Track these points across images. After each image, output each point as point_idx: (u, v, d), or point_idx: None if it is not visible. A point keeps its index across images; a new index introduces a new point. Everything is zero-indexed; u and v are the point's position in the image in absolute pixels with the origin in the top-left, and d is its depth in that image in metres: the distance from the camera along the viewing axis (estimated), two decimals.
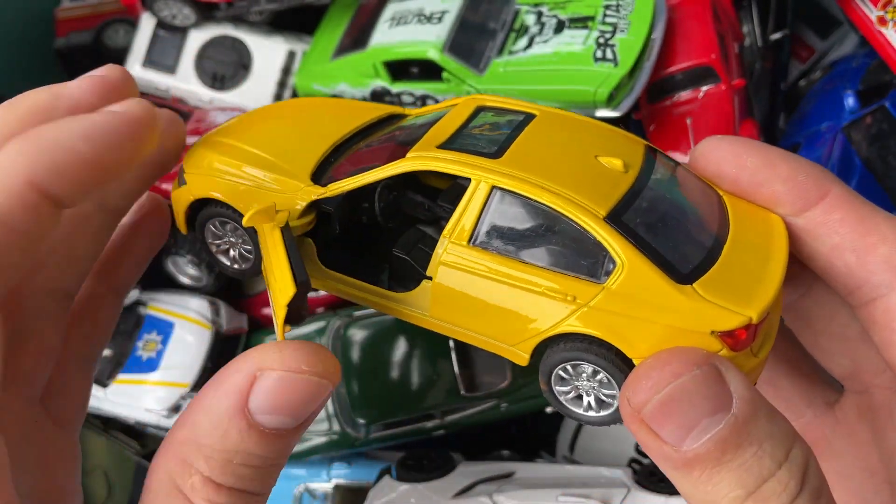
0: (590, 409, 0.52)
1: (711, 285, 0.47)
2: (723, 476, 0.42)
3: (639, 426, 0.44)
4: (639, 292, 0.47)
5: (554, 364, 0.51)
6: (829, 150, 0.96)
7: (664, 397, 0.43)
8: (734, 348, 0.46)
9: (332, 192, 0.53)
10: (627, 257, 0.47)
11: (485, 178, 0.49)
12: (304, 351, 0.45)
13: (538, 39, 0.98)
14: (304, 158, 0.56)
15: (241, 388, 0.44)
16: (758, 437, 0.42)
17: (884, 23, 0.95)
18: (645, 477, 0.86)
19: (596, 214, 0.47)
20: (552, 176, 0.49)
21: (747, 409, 0.43)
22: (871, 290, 0.50)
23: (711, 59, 0.98)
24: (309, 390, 0.45)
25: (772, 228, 0.52)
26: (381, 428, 0.99)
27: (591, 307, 0.48)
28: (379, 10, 1.09)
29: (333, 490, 1.02)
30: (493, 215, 0.50)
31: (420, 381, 0.96)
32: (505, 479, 0.90)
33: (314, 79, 1.11)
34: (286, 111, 0.67)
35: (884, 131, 0.92)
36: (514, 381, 0.95)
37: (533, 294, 0.49)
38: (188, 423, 0.45)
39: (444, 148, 0.52)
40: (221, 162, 0.57)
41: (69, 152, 0.44)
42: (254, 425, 0.44)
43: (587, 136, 0.55)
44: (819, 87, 1.10)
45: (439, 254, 0.51)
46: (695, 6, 1.00)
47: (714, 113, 0.99)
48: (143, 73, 1.18)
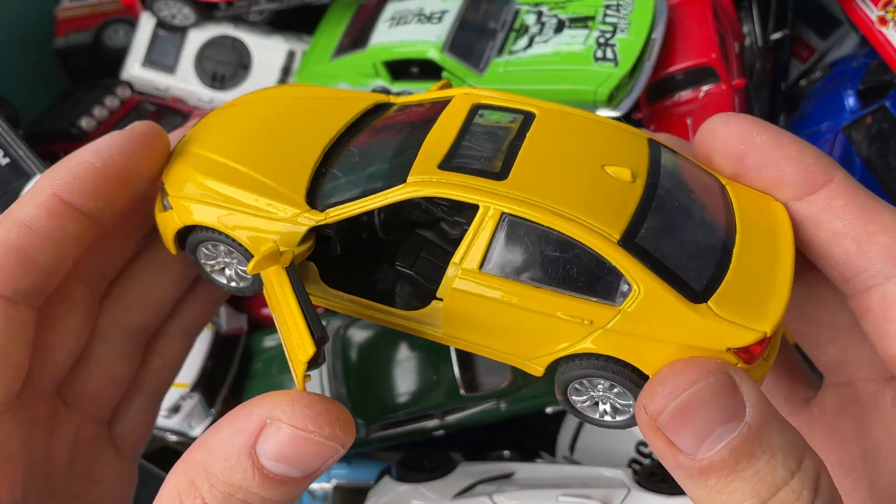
0: (605, 415, 0.52)
1: (725, 301, 0.46)
2: (737, 485, 0.42)
3: (655, 434, 0.44)
4: (654, 314, 0.46)
5: (570, 380, 0.50)
6: (829, 150, 0.96)
7: (680, 404, 0.43)
8: (748, 362, 0.46)
9: (333, 219, 0.51)
10: (643, 281, 0.46)
11: (494, 204, 0.48)
12: (316, 410, 0.45)
13: (538, 39, 0.98)
14: (294, 174, 0.54)
15: (251, 430, 0.45)
16: (770, 446, 0.43)
17: (884, 22, 0.95)
18: (645, 477, 0.86)
19: (609, 239, 0.46)
20: (562, 196, 0.48)
21: (760, 418, 0.43)
22: (868, 278, 0.50)
23: (712, 59, 0.97)
24: (314, 450, 0.45)
25: (776, 222, 0.51)
26: (381, 428, 0.98)
27: (607, 329, 0.47)
28: (379, 9, 1.09)
29: (333, 490, 1.01)
30: (504, 241, 0.48)
31: (420, 381, 0.96)
32: (505, 480, 0.90)
33: (314, 78, 1.11)
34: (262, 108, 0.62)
35: (884, 131, 0.92)
36: (514, 381, 0.95)
37: (548, 318, 0.48)
38: (204, 447, 0.46)
39: (446, 168, 0.50)
40: (207, 184, 0.54)
41: (83, 165, 0.52)
42: (259, 468, 0.44)
43: (591, 138, 0.53)
44: (819, 86, 1.10)
45: (450, 279, 0.50)
46: (695, 6, 1.00)
47: (714, 113, 0.98)
48: (142, 72, 1.18)
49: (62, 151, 1.05)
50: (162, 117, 1.11)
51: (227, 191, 0.53)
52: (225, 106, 0.63)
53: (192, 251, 0.57)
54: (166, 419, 1.08)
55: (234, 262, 0.57)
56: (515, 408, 0.96)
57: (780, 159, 0.52)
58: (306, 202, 0.52)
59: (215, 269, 0.58)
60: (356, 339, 0.99)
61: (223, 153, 0.56)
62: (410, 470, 0.92)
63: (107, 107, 1.08)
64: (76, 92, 1.14)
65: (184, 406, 1.03)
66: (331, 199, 0.52)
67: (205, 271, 0.58)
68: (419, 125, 0.55)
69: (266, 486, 0.44)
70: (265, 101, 0.63)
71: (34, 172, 0.90)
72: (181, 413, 1.03)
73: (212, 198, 0.54)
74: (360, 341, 0.99)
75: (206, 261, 0.58)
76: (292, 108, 0.62)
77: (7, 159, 0.89)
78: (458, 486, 0.88)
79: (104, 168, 0.53)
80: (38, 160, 0.90)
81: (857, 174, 0.93)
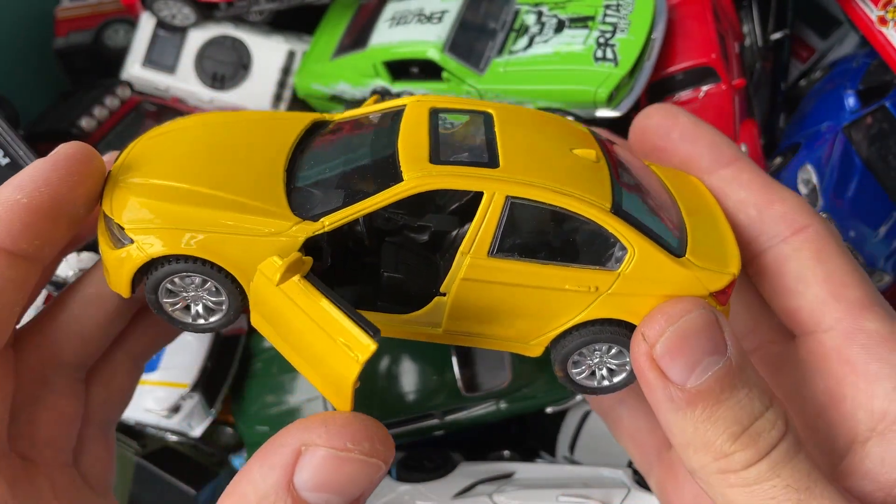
0: (603, 380, 0.56)
1: (698, 253, 0.53)
2: (721, 413, 0.47)
3: (649, 366, 0.48)
4: (648, 272, 0.51)
5: (572, 350, 0.54)
6: (829, 150, 0.96)
7: (675, 331, 0.48)
8: (723, 303, 0.53)
9: (331, 227, 0.50)
10: (636, 243, 0.51)
11: (499, 189, 0.50)
12: (352, 428, 0.44)
13: (538, 39, 0.98)
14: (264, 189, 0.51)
15: (286, 462, 0.43)
16: (747, 381, 0.48)
17: (884, 22, 0.95)
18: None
19: (603, 208, 0.51)
20: (553, 177, 0.51)
21: (738, 354, 0.49)
22: (765, 241, 0.57)
23: (712, 59, 0.97)
24: (356, 469, 0.43)
25: (697, 189, 0.59)
26: None
27: (610, 294, 0.51)
28: (379, 9, 1.09)
29: None
30: (510, 224, 0.51)
31: (420, 381, 0.96)
32: (505, 480, 0.90)
33: (314, 78, 1.11)
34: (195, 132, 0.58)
35: (884, 131, 0.92)
36: (514, 381, 0.95)
37: (556, 291, 0.51)
38: (235, 495, 0.44)
39: (437, 162, 0.51)
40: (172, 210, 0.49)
41: (6, 203, 0.48)
42: (300, 502, 0.42)
43: (549, 127, 0.58)
44: (819, 86, 1.10)
45: (458, 270, 0.51)
46: (695, 6, 1.00)
47: (714, 113, 0.98)
48: (142, 72, 1.18)
49: None
50: (162, 117, 1.11)
51: (199, 214, 0.49)
52: (147, 135, 0.58)
53: (153, 290, 0.52)
54: (166, 419, 1.08)
55: (203, 296, 0.52)
56: (515, 408, 0.96)
57: (697, 137, 0.61)
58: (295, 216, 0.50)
59: (178, 307, 0.53)
60: None
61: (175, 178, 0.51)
62: (410, 470, 0.92)
63: (107, 107, 1.08)
64: (76, 92, 1.14)
65: (184, 406, 1.03)
66: (320, 209, 0.50)
67: (165, 312, 0.53)
68: (379, 133, 0.55)
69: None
70: (194, 127, 0.59)
71: None
72: (181, 413, 1.03)
73: (182, 222, 0.49)
74: None
75: (167, 299, 0.52)
76: (228, 130, 0.58)
77: (7, 159, 0.89)
78: (458, 486, 0.88)
79: (31, 203, 0.48)
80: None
81: (858, 174, 0.93)
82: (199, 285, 0.52)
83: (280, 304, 0.47)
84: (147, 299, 0.53)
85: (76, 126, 1.04)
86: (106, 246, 0.52)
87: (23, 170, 0.50)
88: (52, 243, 0.50)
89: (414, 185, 0.49)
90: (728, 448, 0.47)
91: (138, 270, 0.51)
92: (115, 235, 0.51)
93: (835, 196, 0.93)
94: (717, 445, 0.47)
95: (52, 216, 0.49)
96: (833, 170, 0.93)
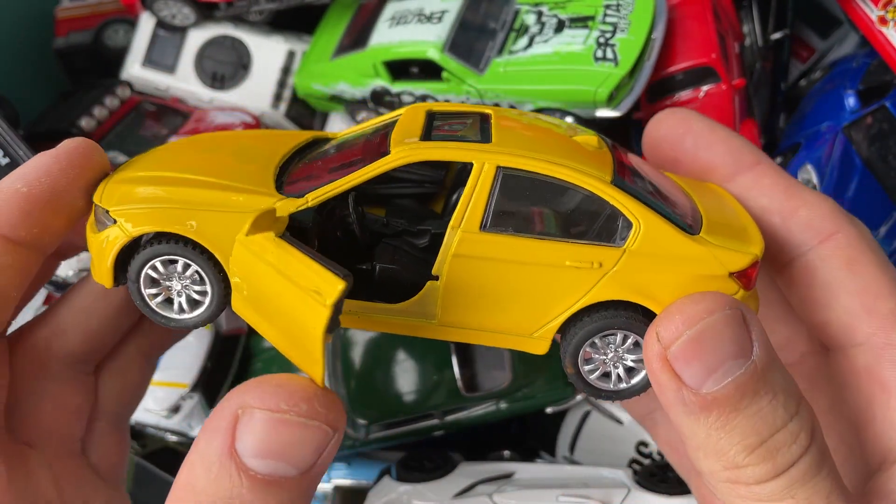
0: (620, 382, 0.51)
1: (715, 233, 0.49)
2: (738, 422, 0.43)
3: (662, 366, 0.44)
4: (657, 248, 0.48)
5: (582, 340, 0.50)
6: (829, 150, 0.96)
7: (695, 334, 0.43)
8: (747, 287, 0.49)
9: (315, 200, 0.49)
10: (641, 215, 0.48)
11: (488, 159, 0.48)
12: (287, 388, 0.41)
13: (538, 39, 0.98)
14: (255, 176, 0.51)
15: (225, 426, 0.41)
16: (773, 386, 0.43)
17: (884, 22, 0.95)
18: (645, 477, 0.86)
19: (602, 179, 0.48)
20: (548, 151, 0.49)
21: (766, 357, 0.44)
22: (792, 249, 0.54)
23: (712, 59, 0.97)
24: (295, 433, 0.41)
25: (720, 194, 0.56)
26: (381, 428, 0.98)
27: (616, 271, 0.48)
28: (379, 9, 1.09)
29: (333, 490, 1.01)
30: (502, 196, 0.49)
31: (420, 381, 0.96)
32: (505, 480, 0.90)
33: (314, 78, 1.11)
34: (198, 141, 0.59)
35: (884, 131, 0.92)
36: (514, 382, 0.95)
37: (556, 269, 0.48)
38: (186, 463, 0.42)
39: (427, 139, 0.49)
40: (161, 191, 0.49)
41: (8, 193, 0.50)
42: (245, 470, 0.40)
43: (551, 123, 0.56)
44: (819, 86, 1.10)
45: (449, 247, 0.49)
46: (695, 6, 1.00)
47: (714, 113, 0.98)
48: (142, 72, 1.18)
49: None
50: (162, 117, 1.11)
51: (182, 193, 0.49)
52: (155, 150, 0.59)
53: (135, 277, 0.51)
54: (166, 419, 1.08)
55: (187, 285, 0.51)
56: (515, 408, 0.96)
57: (713, 142, 0.57)
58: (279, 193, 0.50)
59: (160, 299, 0.52)
60: (356, 339, 0.99)
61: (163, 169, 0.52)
62: (410, 470, 0.92)
63: (107, 107, 1.08)
64: (76, 92, 1.14)
65: (184, 406, 1.03)
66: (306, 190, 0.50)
67: (147, 305, 0.52)
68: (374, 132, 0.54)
69: (258, 490, 0.40)
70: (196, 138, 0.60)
71: None
72: (181, 413, 1.03)
73: (166, 201, 0.49)
74: (361, 341, 0.99)
75: (149, 290, 0.51)
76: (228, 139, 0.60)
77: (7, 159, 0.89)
78: (458, 486, 0.88)
79: (31, 193, 0.50)
80: None
81: (858, 174, 0.93)
82: (181, 273, 0.51)
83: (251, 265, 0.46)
84: (129, 289, 0.52)
85: (76, 126, 1.04)
86: (91, 233, 0.52)
87: (26, 161, 0.52)
88: (50, 232, 0.52)
89: (400, 157, 0.48)
90: (741, 460, 0.43)
91: (121, 257, 0.51)
92: (100, 220, 0.51)
93: (835, 196, 0.92)
94: (730, 456, 0.43)
95: (51, 206, 0.51)
96: (833, 170, 0.93)
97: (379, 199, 0.57)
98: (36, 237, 0.51)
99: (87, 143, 0.53)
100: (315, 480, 0.43)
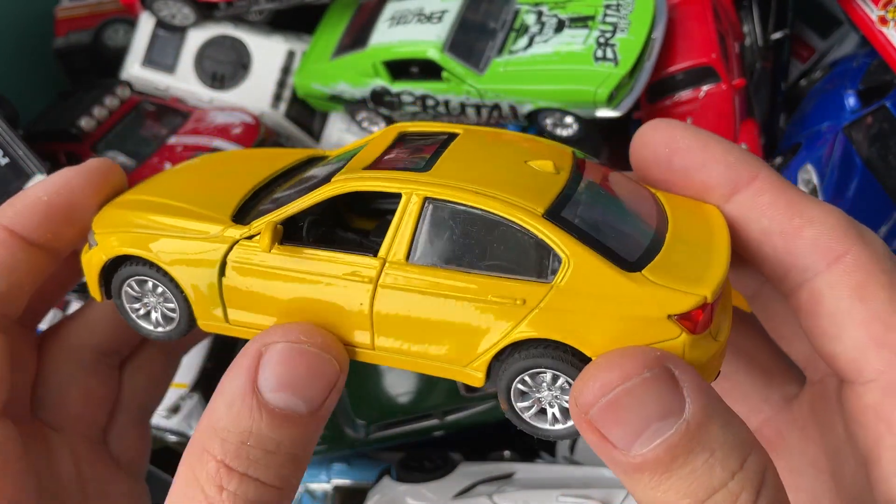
0: (556, 422, 0.49)
1: (660, 271, 0.46)
2: (671, 483, 0.41)
3: (587, 427, 0.42)
4: (588, 286, 0.45)
5: (511, 377, 0.48)
6: (829, 150, 0.96)
7: (613, 399, 0.41)
8: (693, 331, 0.45)
9: (256, 228, 0.51)
10: (571, 251, 0.45)
11: (416, 190, 0.48)
12: (305, 327, 0.47)
13: (538, 39, 0.98)
14: (223, 203, 0.54)
15: (249, 366, 0.45)
16: (710, 444, 0.41)
17: (884, 22, 0.95)
18: None
19: (533, 212, 0.46)
20: (483, 182, 0.48)
21: (701, 414, 0.41)
22: (797, 274, 0.49)
23: (712, 59, 0.97)
24: (312, 363, 0.45)
25: (710, 219, 0.51)
26: (380, 428, 0.98)
27: (542, 308, 0.46)
28: (379, 9, 1.09)
29: (333, 491, 1.01)
30: (429, 228, 0.48)
31: (420, 381, 0.96)
32: (505, 480, 0.90)
33: (314, 78, 1.11)
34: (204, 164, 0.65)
35: (884, 131, 0.92)
36: None
37: (480, 303, 0.47)
38: (207, 411, 0.46)
39: (371, 169, 0.51)
40: (133, 217, 0.55)
41: (31, 199, 0.56)
42: (264, 404, 0.44)
43: (514, 145, 0.54)
44: (819, 86, 1.10)
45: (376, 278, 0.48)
46: (695, 6, 1.00)
47: (714, 113, 0.98)
48: (142, 72, 1.18)
49: (62, 151, 1.05)
50: (161, 117, 1.11)
51: (150, 219, 0.54)
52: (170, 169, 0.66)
53: (118, 293, 0.56)
54: (166, 419, 1.08)
55: (161, 302, 0.55)
56: None
57: (706, 161, 0.51)
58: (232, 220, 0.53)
59: (141, 313, 0.57)
60: None
61: (155, 193, 0.57)
62: (410, 470, 0.92)
63: (106, 107, 1.08)
64: (76, 92, 1.14)
65: (183, 406, 1.03)
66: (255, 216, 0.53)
67: (130, 317, 0.57)
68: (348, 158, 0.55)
69: (275, 424, 0.44)
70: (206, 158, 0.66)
71: (34, 172, 0.90)
72: (181, 413, 1.03)
73: (137, 226, 0.54)
74: None
75: (130, 304, 0.57)
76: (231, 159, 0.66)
77: (7, 159, 0.89)
78: (458, 486, 0.88)
79: (50, 201, 0.56)
80: (37, 160, 0.90)
81: (858, 174, 0.93)
82: (153, 291, 0.55)
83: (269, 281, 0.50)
84: (115, 303, 0.57)
85: (76, 126, 1.04)
86: (84, 252, 0.58)
87: (53, 174, 0.58)
88: (63, 240, 0.58)
89: (333, 188, 0.50)
90: None
91: (104, 275, 0.56)
92: (90, 240, 0.57)
93: (835, 196, 0.92)
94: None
95: (67, 217, 0.57)
96: (833, 170, 0.93)
97: (378, 213, 0.58)
98: (50, 242, 0.57)
99: (107, 164, 0.59)
100: (320, 423, 0.47)
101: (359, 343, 0.50)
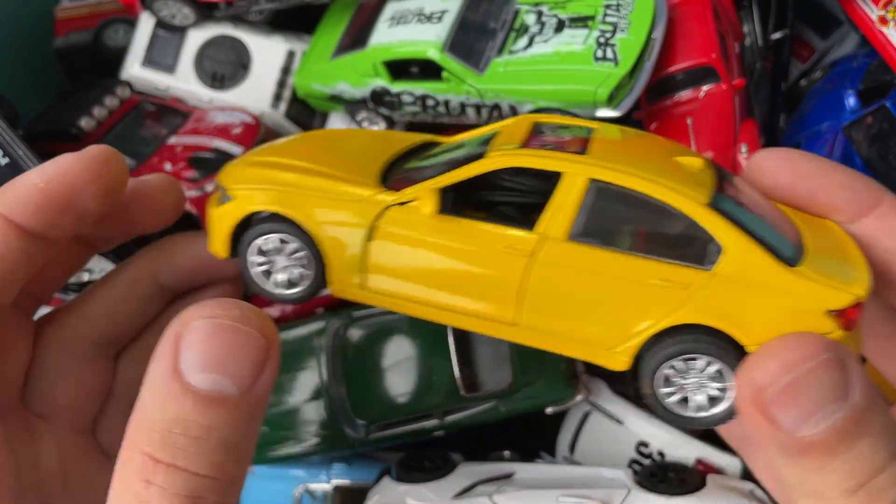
0: (700, 410, 0.50)
1: (816, 267, 0.47)
2: (836, 466, 0.42)
3: (755, 409, 0.43)
4: (748, 275, 0.46)
5: (661, 360, 0.49)
6: (829, 150, 0.96)
7: (792, 380, 0.42)
8: (847, 328, 0.46)
9: (412, 195, 0.51)
10: (735, 240, 0.46)
11: (580, 171, 0.48)
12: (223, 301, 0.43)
13: (538, 39, 0.98)
14: (362, 171, 0.54)
15: (169, 349, 0.42)
16: (873, 428, 0.42)
17: (885, 22, 0.95)
18: (645, 477, 0.85)
19: (698, 201, 0.47)
20: (644, 168, 0.49)
21: (865, 399, 0.42)
22: None
23: (712, 59, 0.97)
24: (231, 339, 0.42)
25: (835, 231, 0.53)
26: (380, 428, 0.98)
27: (703, 295, 0.47)
28: (379, 9, 1.09)
29: (333, 491, 1.01)
30: (591, 209, 0.48)
31: (420, 381, 0.96)
32: (505, 480, 0.90)
33: (313, 78, 1.11)
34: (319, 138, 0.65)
35: (885, 131, 0.92)
36: (514, 382, 0.95)
37: (639, 286, 0.48)
38: (136, 403, 0.43)
39: (525, 147, 0.51)
40: (276, 175, 0.54)
41: (27, 185, 0.54)
42: (188, 387, 0.41)
43: (656, 141, 0.55)
44: (819, 86, 1.10)
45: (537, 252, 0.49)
46: (695, 6, 1.00)
47: (715, 113, 0.98)
48: (142, 72, 1.18)
49: (62, 151, 1.05)
50: (162, 117, 1.11)
51: (293, 178, 0.54)
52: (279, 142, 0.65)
53: (246, 247, 0.56)
54: None
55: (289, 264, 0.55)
56: (515, 408, 0.96)
57: (830, 186, 0.53)
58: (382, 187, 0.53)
59: (262, 270, 0.56)
60: (356, 340, 0.99)
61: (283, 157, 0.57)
62: (410, 470, 0.92)
63: (106, 107, 1.08)
64: (76, 92, 1.14)
65: None
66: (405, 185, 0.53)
67: (249, 273, 0.56)
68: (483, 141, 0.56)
69: (201, 409, 0.41)
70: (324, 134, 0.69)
71: None
72: None
73: (281, 184, 0.54)
74: (360, 341, 0.99)
75: (255, 257, 0.56)
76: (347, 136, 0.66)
77: (6, 159, 0.89)
78: (458, 486, 0.88)
79: (48, 188, 0.54)
80: (37, 160, 0.90)
81: None
82: (288, 254, 0.55)
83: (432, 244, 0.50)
84: (239, 254, 0.56)
85: (76, 126, 1.04)
86: (212, 208, 0.58)
87: (51, 160, 0.56)
88: (58, 228, 0.56)
89: (493, 162, 0.50)
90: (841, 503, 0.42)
91: (237, 230, 0.56)
92: (221, 196, 0.56)
93: None
94: (829, 499, 0.42)
95: (63, 204, 0.55)
96: None
97: (483, 205, 0.58)
98: (45, 229, 0.55)
99: (108, 151, 0.57)
100: (258, 407, 0.43)
101: (502, 318, 0.50)
